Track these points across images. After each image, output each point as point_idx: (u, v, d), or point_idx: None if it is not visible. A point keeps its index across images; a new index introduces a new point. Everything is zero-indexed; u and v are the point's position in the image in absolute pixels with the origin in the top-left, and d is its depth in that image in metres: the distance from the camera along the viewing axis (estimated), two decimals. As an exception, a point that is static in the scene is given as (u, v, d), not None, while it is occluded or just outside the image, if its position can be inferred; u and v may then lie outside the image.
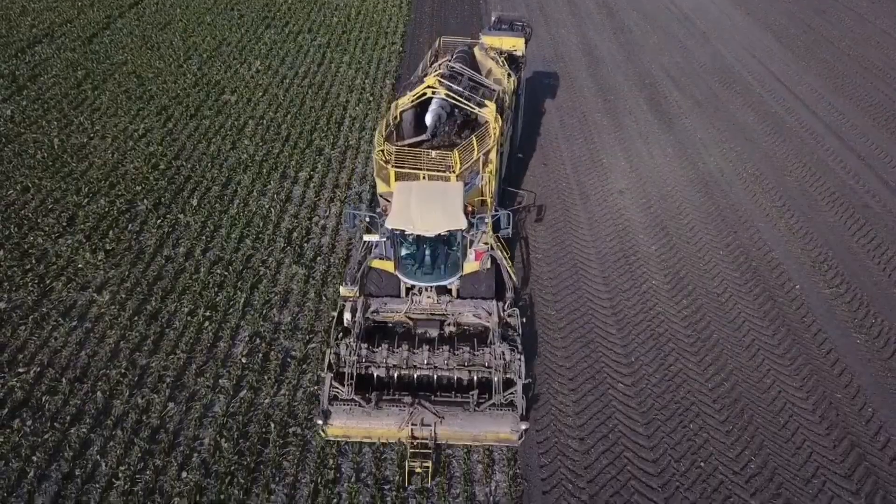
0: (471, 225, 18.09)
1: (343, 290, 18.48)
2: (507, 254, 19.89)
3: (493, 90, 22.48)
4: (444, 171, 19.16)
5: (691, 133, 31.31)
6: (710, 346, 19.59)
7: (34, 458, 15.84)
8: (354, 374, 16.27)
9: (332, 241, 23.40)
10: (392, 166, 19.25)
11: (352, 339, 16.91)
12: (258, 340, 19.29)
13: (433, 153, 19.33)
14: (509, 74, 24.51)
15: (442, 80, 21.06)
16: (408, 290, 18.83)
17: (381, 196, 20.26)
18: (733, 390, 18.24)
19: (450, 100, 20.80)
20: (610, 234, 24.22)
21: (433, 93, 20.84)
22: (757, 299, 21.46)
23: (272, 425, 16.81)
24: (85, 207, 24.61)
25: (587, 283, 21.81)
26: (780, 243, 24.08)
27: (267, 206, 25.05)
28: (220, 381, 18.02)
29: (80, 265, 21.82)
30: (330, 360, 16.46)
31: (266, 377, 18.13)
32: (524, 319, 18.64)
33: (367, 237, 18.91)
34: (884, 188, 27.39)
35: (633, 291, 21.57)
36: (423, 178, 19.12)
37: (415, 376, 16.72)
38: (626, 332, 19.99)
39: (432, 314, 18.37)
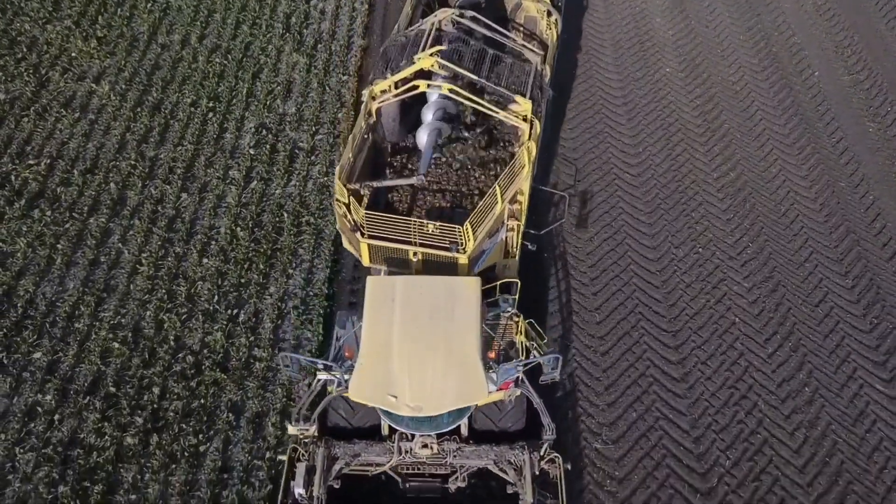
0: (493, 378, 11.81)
1: (291, 430, 12.32)
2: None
3: (528, 65, 15.55)
4: (449, 251, 12.96)
5: None
6: (720, 136, 19.43)
7: (59, 246, 16.54)
8: None
9: (332, 28, 22.27)
10: (363, 237, 12.88)
11: None
12: (264, 132, 19.17)
13: (430, 227, 12.69)
14: (549, 13, 17.60)
15: (444, 62, 13.99)
16: (392, 429, 12.50)
17: (347, 247, 14.66)
18: (738, 179, 18.41)
19: (457, 98, 14.36)
20: (626, 18, 22.92)
21: (429, 85, 14.26)
22: (773, 87, 20.85)
23: (285, 215, 17.29)
24: (68, -10, 23.13)
25: (599, 72, 21.08)
26: (805, 27, 22.84)
27: (261, -12, 23.50)
28: (229, 172, 18.20)
29: (73, 53, 21.02)
30: None
31: (275, 168, 18.28)
32: (569, 465, 12.50)
33: (321, 376, 12.50)
34: (925, -36, 25.34)
35: (646, 80, 20.91)
36: (414, 256, 12.96)
37: None
38: (636, 121, 19.72)
39: (430, 467, 12.35)
